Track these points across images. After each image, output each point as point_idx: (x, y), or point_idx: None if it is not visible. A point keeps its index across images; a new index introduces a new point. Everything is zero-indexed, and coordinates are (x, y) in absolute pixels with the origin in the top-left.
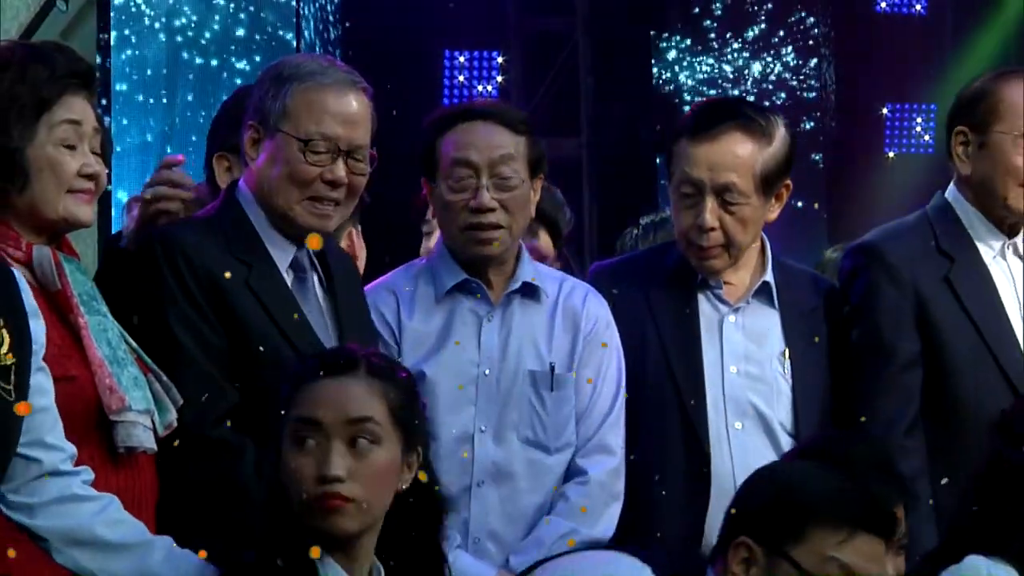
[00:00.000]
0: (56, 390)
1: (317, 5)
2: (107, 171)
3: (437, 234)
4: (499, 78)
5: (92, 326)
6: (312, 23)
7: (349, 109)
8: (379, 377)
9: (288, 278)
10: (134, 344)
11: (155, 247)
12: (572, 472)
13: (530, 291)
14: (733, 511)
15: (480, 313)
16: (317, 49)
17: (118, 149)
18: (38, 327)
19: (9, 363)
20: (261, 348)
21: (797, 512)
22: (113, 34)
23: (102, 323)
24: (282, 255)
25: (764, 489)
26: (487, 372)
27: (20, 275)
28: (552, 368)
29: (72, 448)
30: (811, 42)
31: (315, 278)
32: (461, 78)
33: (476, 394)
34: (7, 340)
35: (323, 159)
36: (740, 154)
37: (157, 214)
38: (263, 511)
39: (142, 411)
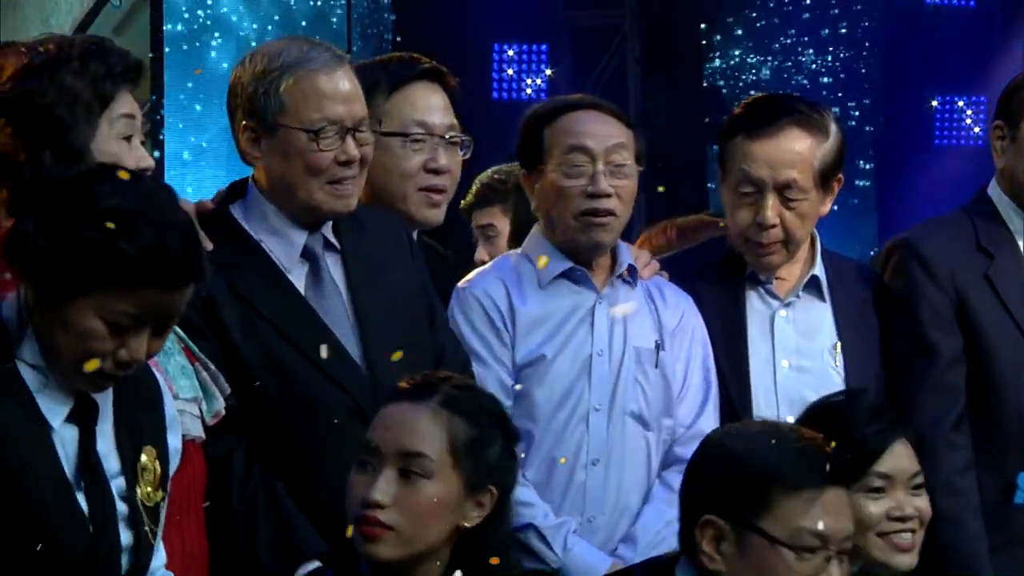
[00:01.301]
0: None
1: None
2: None
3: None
4: (548, 71)
5: None
6: (362, 18)
7: (343, 87)
8: (451, 409)
9: (302, 269)
10: (181, 333)
11: None
12: (671, 459)
13: (630, 275)
14: (686, 492)
15: (588, 298)
16: (370, 46)
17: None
18: (175, 445)
19: (158, 501)
20: (251, 349)
21: (757, 481)
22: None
23: None
24: (290, 248)
25: (715, 463)
26: (600, 353)
27: (163, 380)
28: (657, 346)
29: (162, 557)
30: (860, 34)
31: (331, 261)
32: (510, 71)
33: (590, 375)
34: (156, 472)
35: (334, 142)
36: (799, 150)
37: None
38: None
39: (189, 399)
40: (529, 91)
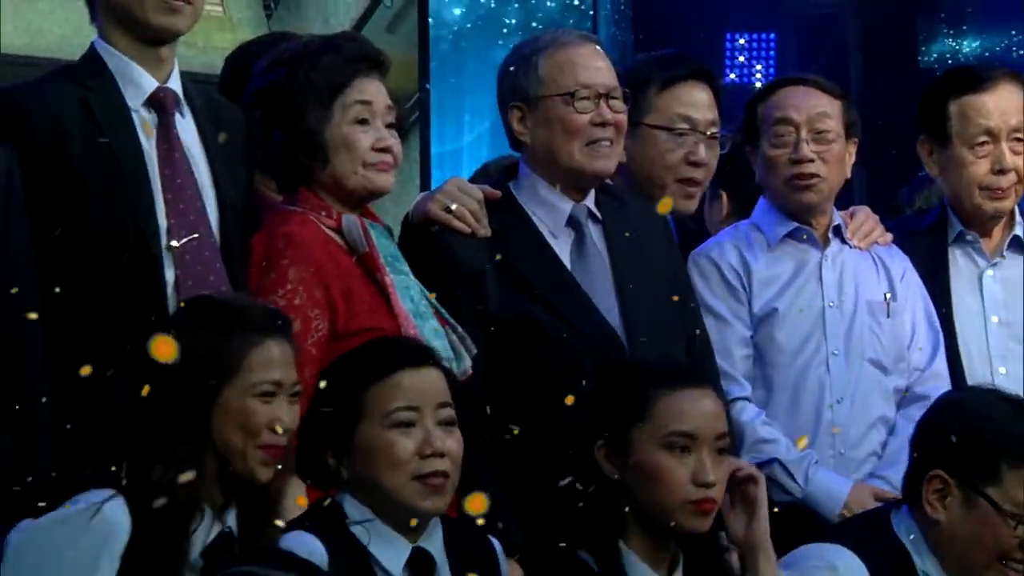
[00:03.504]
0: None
1: None
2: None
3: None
4: (776, 58)
5: (397, 284)
6: (608, 11)
7: (595, 58)
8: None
9: (568, 237)
10: (433, 300)
11: (424, 245)
12: (912, 398)
13: (837, 234)
14: (918, 446)
15: (814, 254)
16: (616, 37)
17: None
18: None
19: None
20: (510, 314)
21: (990, 450)
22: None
23: (404, 281)
24: (557, 215)
25: (953, 421)
26: (832, 304)
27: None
28: (886, 297)
29: None
30: None
31: (595, 232)
32: (741, 59)
33: (824, 324)
34: None
35: (588, 105)
36: (1018, 99)
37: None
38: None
39: (443, 360)
40: (759, 76)
